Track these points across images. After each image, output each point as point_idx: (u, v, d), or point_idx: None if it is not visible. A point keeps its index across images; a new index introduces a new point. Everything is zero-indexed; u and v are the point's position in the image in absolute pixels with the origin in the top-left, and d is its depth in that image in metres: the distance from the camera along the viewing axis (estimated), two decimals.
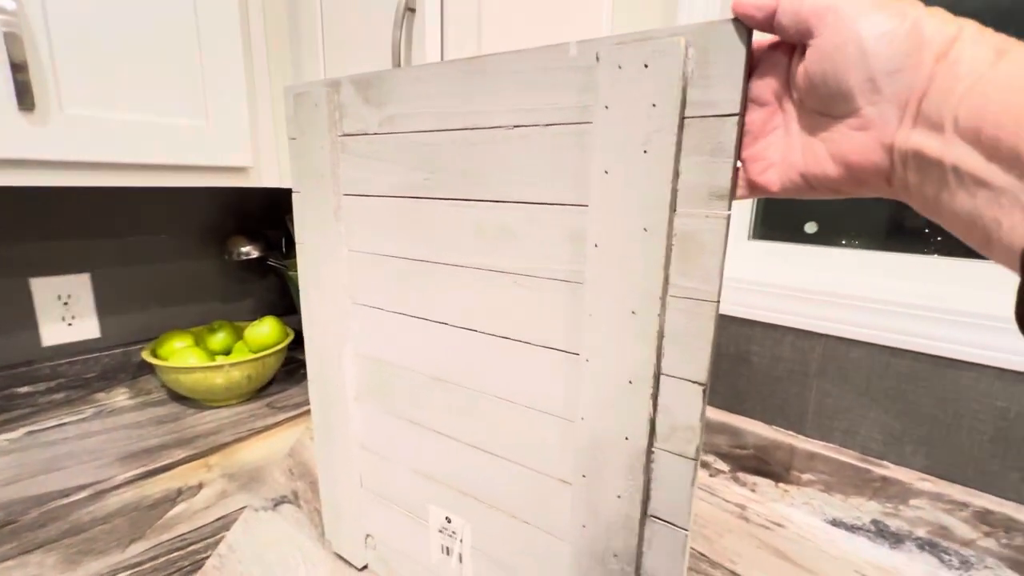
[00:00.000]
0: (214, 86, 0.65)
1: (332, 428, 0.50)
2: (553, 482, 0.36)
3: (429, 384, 0.42)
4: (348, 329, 0.46)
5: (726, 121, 0.25)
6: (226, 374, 0.81)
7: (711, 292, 0.27)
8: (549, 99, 0.31)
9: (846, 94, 0.21)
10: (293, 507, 0.61)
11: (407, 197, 0.40)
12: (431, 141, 0.37)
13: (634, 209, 0.28)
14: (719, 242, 0.27)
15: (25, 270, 0.78)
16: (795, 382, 0.65)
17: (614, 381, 0.31)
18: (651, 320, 0.29)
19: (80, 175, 0.57)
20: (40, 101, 0.53)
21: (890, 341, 0.58)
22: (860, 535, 0.59)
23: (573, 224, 0.32)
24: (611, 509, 0.32)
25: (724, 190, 0.26)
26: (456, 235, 0.37)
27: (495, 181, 0.34)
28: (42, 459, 0.69)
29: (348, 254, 0.45)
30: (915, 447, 0.57)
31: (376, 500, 0.49)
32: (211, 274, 0.98)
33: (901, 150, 0.20)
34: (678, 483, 0.30)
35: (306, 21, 0.69)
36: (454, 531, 0.43)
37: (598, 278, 0.30)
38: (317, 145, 0.43)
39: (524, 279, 0.34)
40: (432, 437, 0.43)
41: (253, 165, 0.72)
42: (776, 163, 0.26)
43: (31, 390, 0.79)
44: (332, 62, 0.67)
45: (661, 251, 0.28)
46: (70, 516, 0.57)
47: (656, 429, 0.30)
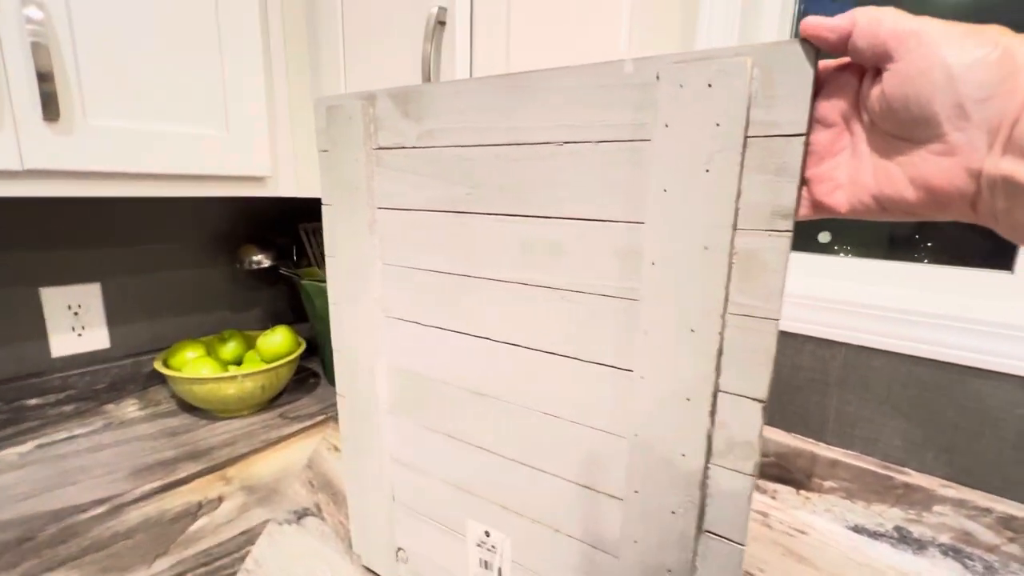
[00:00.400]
0: (235, 97, 0.65)
1: (363, 441, 0.49)
2: (602, 497, 0.36)
3: (469, 398, 0.41)
4: (381, 342, 0.46)
5: (791, 141, 0.26)
6: (239, 384, 0.81)
7: (772, 310, 0.27)
8: (602, 116, 0.31)
9: (930, 119, 0.21)
10: (317, 520, 0.60)
11: (447, 211, 0.39)
12: (472, 156, 0.37)
13: (694, 227, 0.28)
14: (782, 260, 0.27)
15: (35, 279, 0.76)
16: (815, 390, 0.65)
17: (671, 398, 0.31)
18: (710, 338, 0.29)
19: (103, 185, 0.57)
20: (65, 111, 0.52)
21: (912, 350, 0.58)
22: (883, 541, 0.59)
23: (625, 241, 0.32)
24: (665, 525, 0.32)
25: (788, 209, 0.26)
26: (500, 250, 0.37)
27: (542, 197, 0.34)
28: (54, 473, 0.67)
29: (382, 267, 0.45)
30: (937, 454, 0.58)
31: (409, 514, 0.49)
32: (221, 283, 0.97)
33: (990, 176, 0.20)
34: (735, 499, 0.30)
35: (326, 33, 0.69)
36: (493, 545, 0.43)
37: (655, 296, 0.30)
38: (351, 158, 0.43)
39: (572, 295, 0.34)
40: (471, 451, 0.42)
41: (271, 175, 0.71)
42: (844, 184, 0.26)
43: (40, 402, 0.78)
44: (353, 74, 0.67)
45: (722, 269, 0.28)
46: (90, 532, 0.57)
47: (713, 445, 0.30)
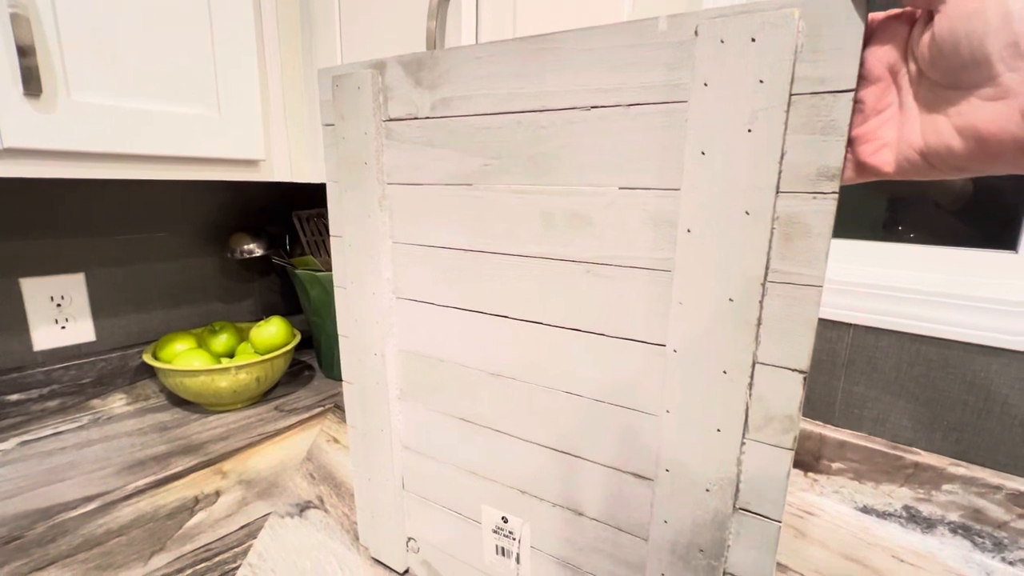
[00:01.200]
0: (226, 76, 0.62)
1: (371, 429, 0.47)
2: (629, 478, 0.35)
3: (485, 380, 0.40)
4: (391, 325, 0.44)
5: (839, 98, 0.25)
6: (233, 377, 0.78)
7: (816, 276, 0.26)
8: (633, 78, 0.30)
9: (982, 61, 0.20)
10: (320, 512, 0.58)
11: (463, 185, 0.38)
12: (492, 125, 0.35)
13: (735, 191, 0.27)
14: (826, 224, 0.26)
15: (15, 269, 0.73)
16: (823, 372, 0.65)
17: (707, 372, 0.29)
18: (750, 307, 0.28)
19: (88, 166, 0.54)
20: (47, 87, 0.49)
21: (919, 329, 0.58)
22: (892, 521, 0.59)
23: (658, 208, 0.30)
24: (699, 504, 0.31)
25: (835, 170, 0.25)
26: (519, 224, 0.36)
27: (567, 166, 0.33)
28: (40, 470, 0.64)
29: (392, 246, 0.43)
30: (946, 433, 0.58)
31: (420, 502, 0.47)
32: (211, 273, 0.94)
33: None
34: (772, 474, 0.29)
35: (321, 8, 0.66)
36: (511, 531, 0.41)
37: (691, 265, 0.29)
38: (359, 131, 0.41)
39: (599, 268, 0.33)
40: (487, 435, 0.41)
41: (265, 158, 0.68)
42: (890, 143, 0.25)
43: (23, 397, 0.74)
44: (350, 51, 0.65)
45: (764, 235, 0.27)
46: (81, 529, 0.54)
47: (750, 419, 0.29)
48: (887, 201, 0.70)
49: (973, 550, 0.55)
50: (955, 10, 0.21)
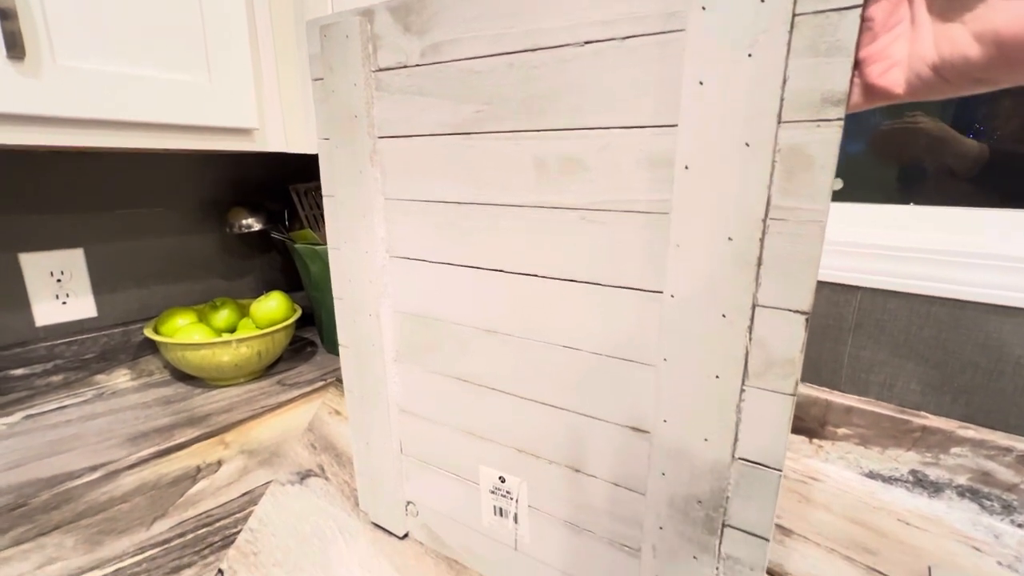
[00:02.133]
0: (215, 39, 0.60)
1: (368, 393, 0.47)
2: (626, 431, 0.34)
3: (480, 338, 0.39)
4: (385, 285, 0.43)
5: (845, 16, 0.23)
6: (234, 350, 0.78)
7: (819, 211, 0.25)
8: (628, 8, 0.28)
9: None
10: (321, 480, 0.58)
11: (454, 134, 0.37)
12: (483, 68, 0.34)
13: (734, 122, 0.26)
14: (830, 154, 0.24)
15: (13, 244, 0.73)
16: (829, 337, 0.64)
17: (705, 316, 0.28)
18: (750, 246, 0.26)
19: (75, 133, 0.53)
20: (31, 51, 0.48)
21: (929, 290, 0.57)
22: (898, 486, 0.58)
23: (655, 147, 0.29)
24: (696, 454, 0.30)
25: (840, 94, 0.24)
26: (513, 173, 0.35)
27: (561, 107, 0.32)
28: (45, 442, 0.65)
29: (385, 203, 0.42)
30: (955, 396, 0.57)
31: (418, 465, 0.47)
32: (211, 249, 0.94)
33: None
34: (773, 422, 0.28)
35: None
36: (509, 491, 0.41)
37: (688, 204, 0.28)
38: (349, 83, 0.40)
39: (594, 214, 0.32)
40: (483, 394, 0.40)
41: (258, 127, 0.67)
42: (900, 61, 0.23)
43: (27, 372, 0.75)
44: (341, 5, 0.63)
45: (764, 168, 0.25)
46: (84, 497, 0.54)
47: (749, 365, 0.28)
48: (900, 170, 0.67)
49: (981, 513, 0.54)
50: None
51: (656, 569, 0.34)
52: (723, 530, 0.31)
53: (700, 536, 0.32)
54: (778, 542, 0.50)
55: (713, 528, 0.31)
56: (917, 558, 0.48)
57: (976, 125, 0.62)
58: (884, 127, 0.67)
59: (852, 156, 0.70)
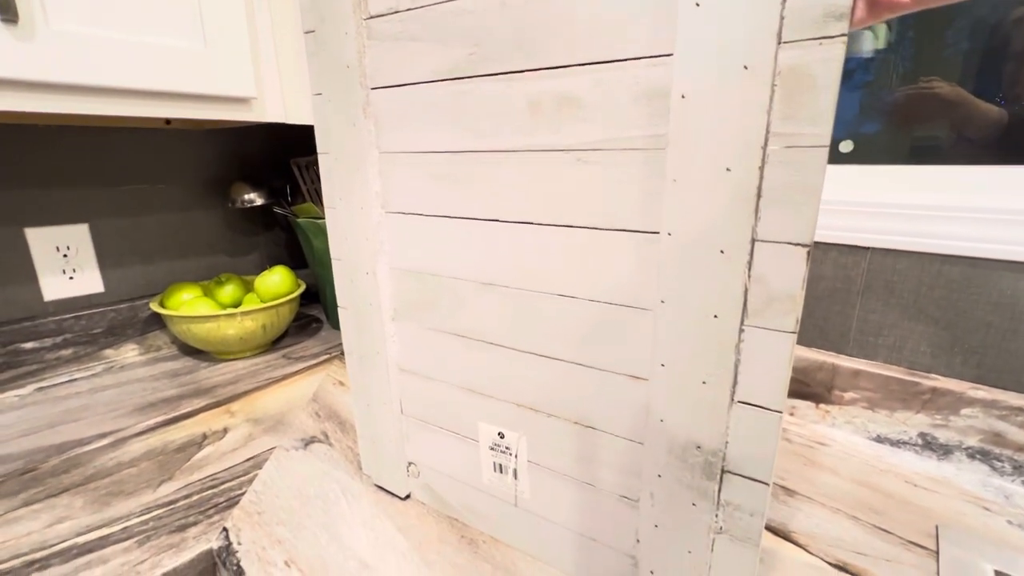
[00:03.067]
0: (211, 5, 0.60)
1: (368, 353, 0.47)
2: (623, 379, 0.33)
3: (478, 291, 0.39)
4: (381, 242, 0.43)
5: None
6: (240, 324, 0.78)
7: (821, 135, 0.24)
8: None
9: None
10: (325, 446, 0.58)
11: (446, 80, 0.36)
12: (475, 7, 0.33)
13: (732, 44, 0.25)
14: (833, 74, 0.23)
15: (19, 219, 0.73)
16: (837, 300, 0.63)
17: (702, 253, 0.28)
18: (749, 176, 0.26)
19: (68, 100, 0.52)
20: (24, 14, 0.47)
21: (940, 248, 0.55)
22: (906, 449, 0.57)
23: (651, 80, 0.28)
24: (695, 398, 0.30)
25: (843, 7, 0.23)
26: (506, 116, 0.34)
27: (554, 44, 0.31)
28: (56, 412, 0.66)
29: (379, 157, 0.41)
30: (966, 356, 0.56)
31: (418, 425, 0.47)
32: (215, 225, 0.94)
33: None
34: (772, 361, 0.28)
35: None
36: (508, 446, 0.41)
37: (685, 135, 0.27)
38: (340, 32, 0.39)
39: (590, 155, 0.31)
40: (481, 349, 0.40)
41: (256, 96, 0.67)
42: None
43: (37, 346, 0.76)
44: None
45: (764, 92, 0.24)
46: (93, 462, 0.55)
47: (748, 303, 0.27)
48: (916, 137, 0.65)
49: (991, 474, 0.53)
50: None
51: (655, 518, 0.34)
52: (722, 475, 0.30)
53: (699, 482, 0.31)
54: (782, 502, 0.50)
55: (712, 473, 0.31)
56: (925, 518, 0.47)
57: (996, 90, 0.60)
58: (899, 93, 0.65)
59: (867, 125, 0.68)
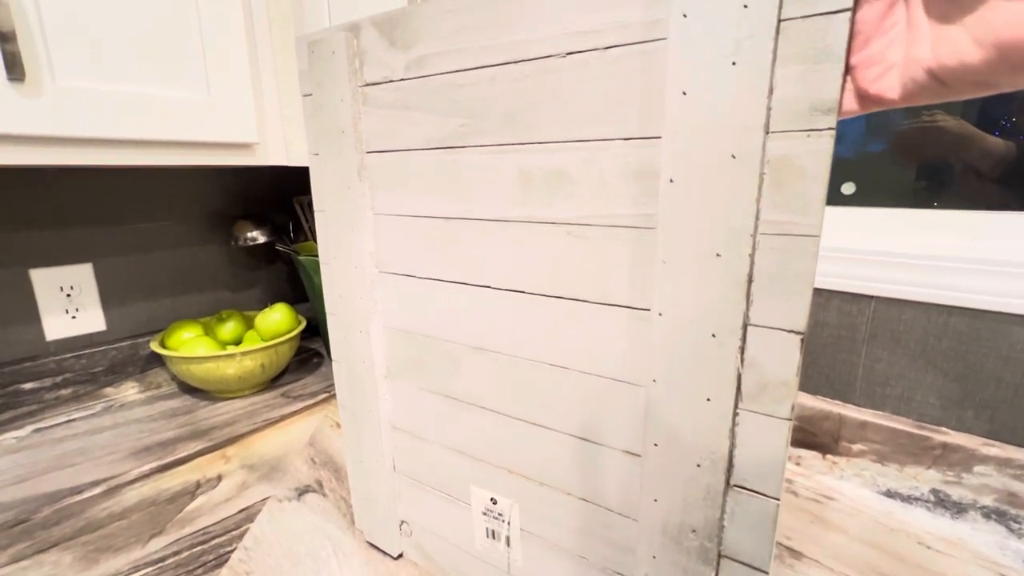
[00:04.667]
0: (215, 57, 0.61)
1: (360, 409, 0.46)
2: (617, 454, 0.32)
3: (469, 355, 0.38)
4: (375, 301, 0.43)
5: (833, 19, 0.22)
6: (239, 363, 0.78)
7: (812, 225, 0.24)
8: (609, 17, 0.27)
9: None
10: (319, 496, 0.57)
11: (440, 148, 0.36)
12: (467, 82, 0.33)
13: (719, 133, 0.24)
14: (822, 165, 0.23)
15: (25, 260, 0.74)
16: (842, 348, 0.61)
17: (694, 336, 0.27)
18: (740, 263, 0.25)
19: (76, 152, 0.53)
20: (31, 72, 0.48)
21: (947, 299, 0.54)
22: (918, 506, 0.55)
23: (640, 160, 0.28)
24: (689, 480, 0.29)
25: (830, 103, 0.22)
26: (498, 186, 0.34)
27: (544, 120, 0.31)
28: (52, 456, 0.66)
29: (374, 218, 0.41)
30: (978, 411, 0.54)
31: (411, 484, 0.46)
32: (217, 261, 0.95)
33: None
34: (768, 447, 0.27)
35: None
36: (500, 513, 0.40)
37: (674, 218, 0.26)
38: (336, 98, 0.40)
39: (580, 229, 0.31)
40: (473, 413, 0.39)
41: (259, 141, 0.68)
42: (896, 64, 0.22)
43: (37, 386, 0.76)
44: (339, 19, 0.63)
45: (752, 180, 0.24)
46: (85, 513, 0.54)
47: (743, 387, 0.27)
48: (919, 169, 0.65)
49: (1009, 536, 0.51)
50: None
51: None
52: (719, 561, 0.29)
53: (695, 566, 0.30)
54: (788, 566, 0.48)
55: (708, 559, 0.29)
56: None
57: (1002, 122, 0.59)
58: (903, 127, 0.65)
59: (868, 158, 0.68)
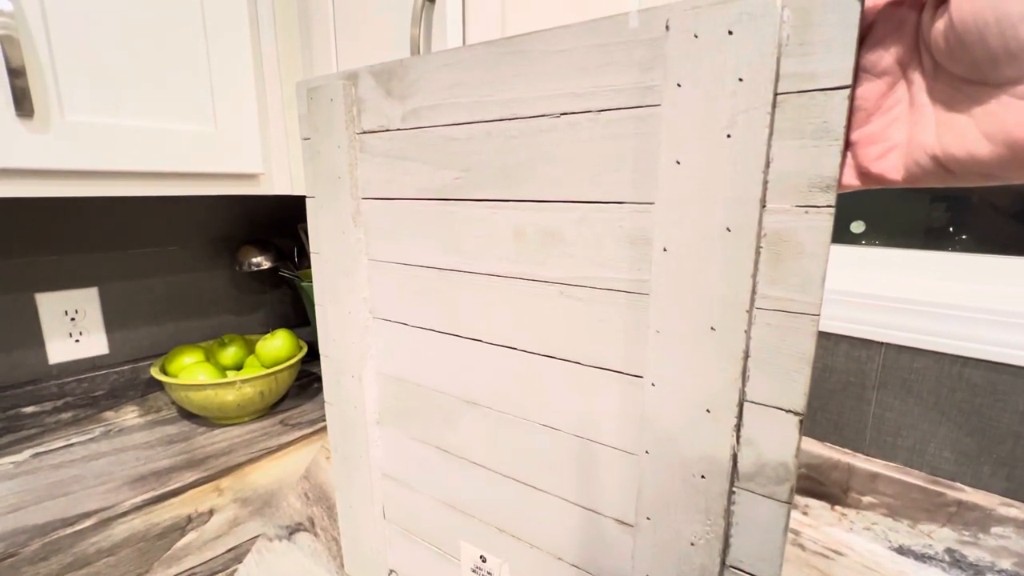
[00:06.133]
0: (222, 90, 0.62)
1: (351, 454, 0.45)
2: (609, 523, 0.31)
3: (460, 408, 0.37)
4: (368, 347, 0.42)
5: (832, 96, 0.21)
6: (238, 391, 0.78)
7: (810, 303, 0.23)
8: (604, 80, 0.27)
9: (1017, 52, 0.16)
10: (310, 536, 0.56)
11: (434, 199, 0.35)
12: (462, 135, 0.33)
13: (714, 206, 0.24)
14: (821, 242, 0.22)
15: (31, 285, 0.75)
16: (851, 395, 0.59)
17: (688, 409, 0.26)
18: (735, 338, 0.24)
19: (84, 185, 0.54)
20: (39, 107, 0.49)
21: (962, 350, 0.52)
22: (933, 565, 0.53)
23: (635, 225, 0.27)
24: (683, 558, 0.28)
25: (829, 180, 0.21)
26: (491, 241, 0.33)
27: (538, 178, 0.30)
28: (47, 484, 0.65)
29: (368, 264, 0.41)
30: (995, 468, 0.52)
31: (401, 533, 0.44)
32: (221, 286, 0.95)
33: None
34: (766, 529, 0.25)
35: (318, 20, 0.66)
36: (490, 572, 0.38)
37: (668, 288, 0.25)
38: (333, 144, 0.39)
39: (573, 289, 0.30)
40: (463, 466, 0.38)
41: (264, 171, 0.68)
42: (899, 145, 0.21)
43: (38, 410, 0.76)
44: (345, 60, 0.64)
45: (748, 255, 0.23)
46: (74, 548, 0.54)
47: (739, 466, 0.25)
48: (932, 204, 0.63)
49: None
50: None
51: None
52: None
53: None
54: None
55: None
56: None
57: None
58: None
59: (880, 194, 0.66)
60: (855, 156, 0.22)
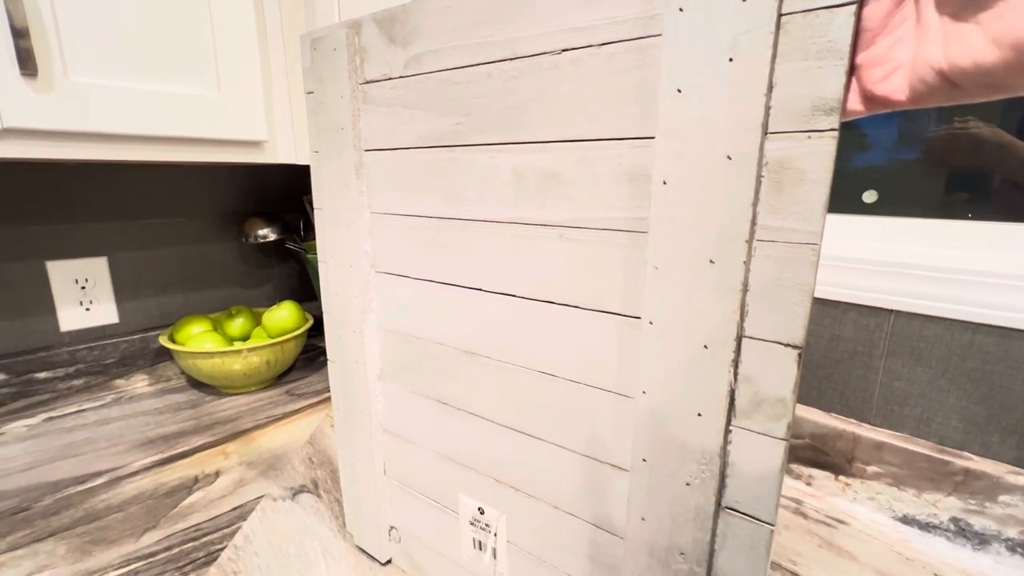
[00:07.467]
0: (226, 54, 0.62)
1: (353, 410, 0.46)
2: (605, 468, 0.31)
3: (460, 359, 0.37)
4: (370, 301, 0.42)
5: (837, 14, 0.20)
6: (244, 359, 0.79)
7: (812, 233, 0.22)
8: (605, 12, 0.26)
9: None
10: (313, 497, 0.57)
11: (435, 147, 0.35)
12: (463, 79, 0.33)
13: (715, 134, 0.23)
14: (824, 168, 0.21)
15: (41, 253, 0.76)
16: (858, 364, 0.59)
17: (685, 346, 0.26)
18: (734, 270, 0.24)
19: (87, 147, 0.54)
20: (43, 67, 0.50)
21: (973, 316, 0.51)
22: (937, 534, 0.52)
23: (634, 162, 0.27)
24: (678, 499, 0.27)
25: (833, 102, 0.21)
26: (491, 187, 0.33)
27: (538, 119, 0.30)
28: (59, 445, 0.67)
29: (370, 217, 0.41)
30: (1004, 436, 0.51)
31: (401, 489, 0.45)
32: (229, 258, 0.96)
33: None
34: (762, 468, 0.25)
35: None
36: (487, 523, 0.39)
37: (667, 222, 0.25)
38: (336, 95, 0.39)
39: (572, 232, 0.30)
40: (463, 418, 0.38)
41: (268, 139, 0.68)
42: (903, 65, 0.20)
43: (50, 375, 0.78)
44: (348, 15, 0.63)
45: (749, 184, 0.23)
46: (84, 504, 0.55)
47: (736, 403, 0.25)
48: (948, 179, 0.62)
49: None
50: None
51: None
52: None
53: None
54: None
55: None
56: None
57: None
58: (931, 135, 0.61)
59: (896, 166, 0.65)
60: (859, 80, 0.21)
